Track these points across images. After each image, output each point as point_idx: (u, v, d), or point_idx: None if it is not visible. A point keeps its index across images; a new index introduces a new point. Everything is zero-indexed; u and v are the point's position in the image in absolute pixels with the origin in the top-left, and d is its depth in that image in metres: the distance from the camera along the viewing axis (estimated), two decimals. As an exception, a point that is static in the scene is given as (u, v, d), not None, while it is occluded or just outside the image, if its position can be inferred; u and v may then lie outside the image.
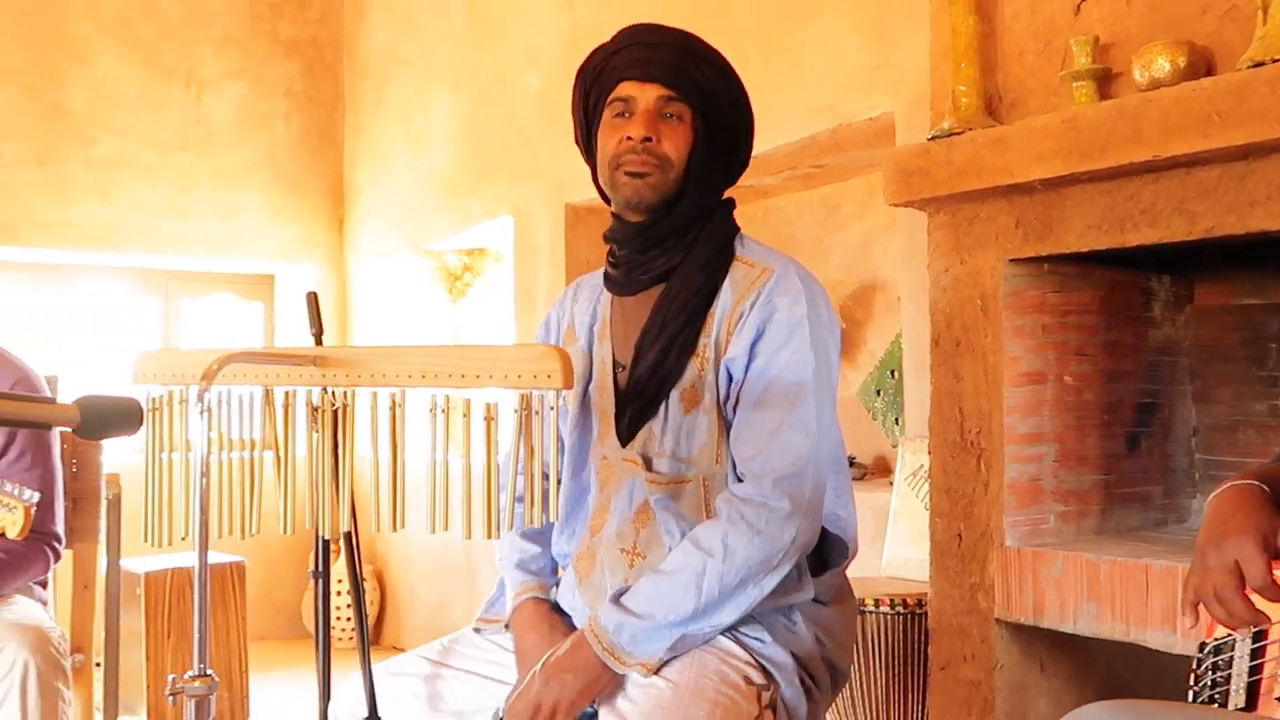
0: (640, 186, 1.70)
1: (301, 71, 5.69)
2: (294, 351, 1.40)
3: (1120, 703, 1.14)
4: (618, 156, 1.70)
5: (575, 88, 1.79)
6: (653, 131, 1.68)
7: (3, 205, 4.95)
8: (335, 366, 1.36)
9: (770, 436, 1.62)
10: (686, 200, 1.72)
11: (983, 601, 2.23)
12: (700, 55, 1.73)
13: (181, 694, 1.32)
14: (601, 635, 1.59)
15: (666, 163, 1.70)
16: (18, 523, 1.96)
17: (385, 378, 1.32)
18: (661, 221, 1.73)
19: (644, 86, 1.69)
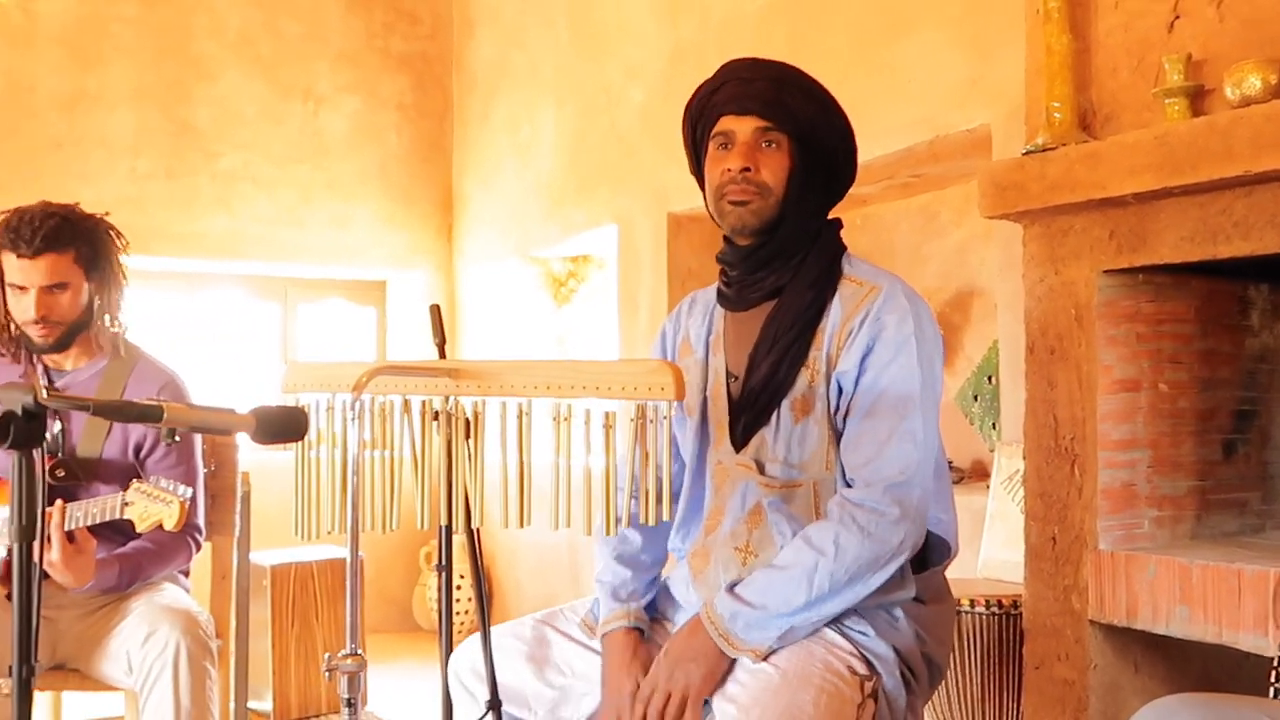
0: (743, 213, 1.82)
1: (412, 85, 5.90)
2: (432, 364, 1.54)
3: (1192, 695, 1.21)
4: (721, 187, 1.82)
5: (684, 123, 1.92)
6: (751, 161, 1.80)
7: (136, 217, 5.22)
8: (468, 378, 1.50)
9: (881, 446, 1.72)
10: (788, 223, 1.83)
11: (1076, 603, 2.29)
12: (795, 85, 1.83)
13: (336, 670, 1.46)
14: (717, 621, 1.70)
15: (765, 190, 1.81)
16: (173, 515, 2.15)
17: (513, 388, 1.46)
18: (767, 244, 1.84)
19: (742, 119, 1.80)
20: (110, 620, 2.41)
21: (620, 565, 1.94)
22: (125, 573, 2.43)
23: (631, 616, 1.87)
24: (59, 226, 2.45)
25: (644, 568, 1.95)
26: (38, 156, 5.15)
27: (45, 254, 2.43)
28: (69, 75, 5.22)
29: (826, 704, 1.58)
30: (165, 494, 2.19)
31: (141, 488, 2.25)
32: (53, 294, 2.47)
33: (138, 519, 2.24)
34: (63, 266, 2.46)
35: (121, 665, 2.34)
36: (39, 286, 2.45)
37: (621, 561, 1.94)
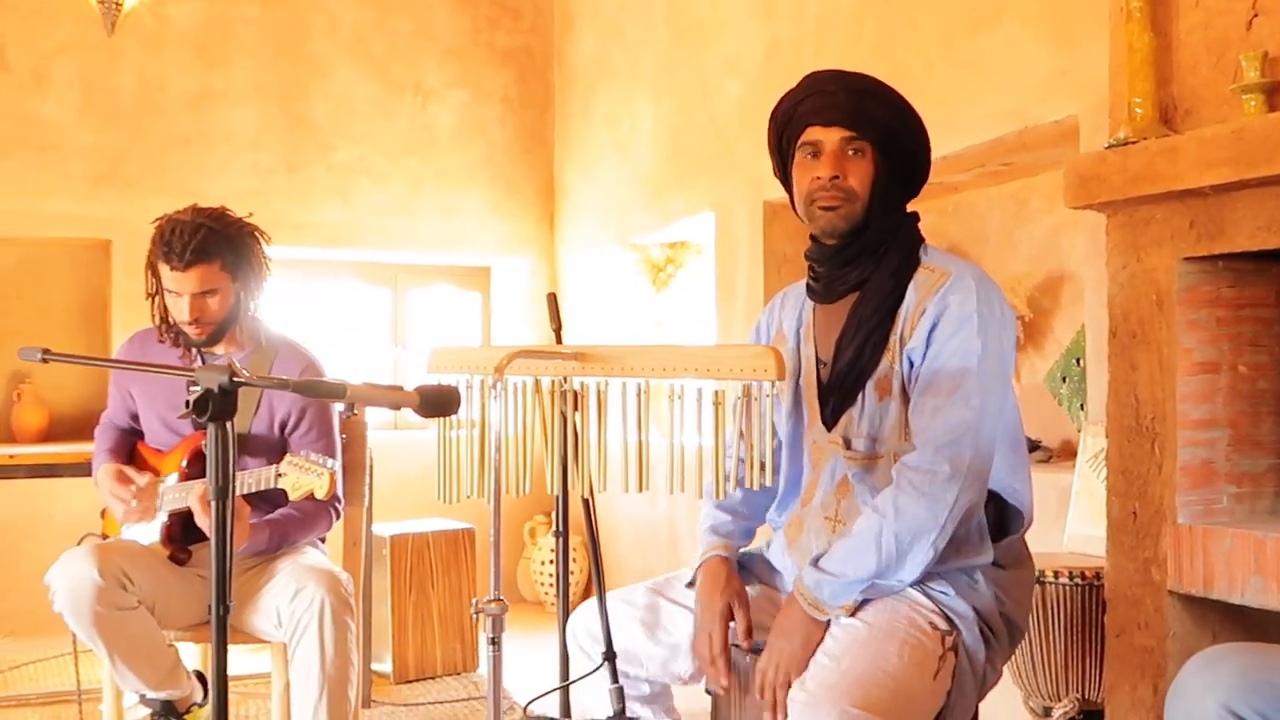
0: (833, 218, 1.98)
1: (515, 79, 6.13)
2: (562, 349, 1.74)
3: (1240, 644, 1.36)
4: (811, 194, 1.99)
5: (770, 131, 2.08)
6: (839, 170, 1.96)
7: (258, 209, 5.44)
8: (594, 361, 1.69)
9: (935, 412, 1.88)
10: (874, 223, 2.00)
11: (1156, 574, 2.42)
12: (875, 95, 1.99)
13: (483, 612, 1.67)
14: (806, 593, 1.89)
15: (853, 195, 1.98)
16: (324, 486, 2.39)
17: (633, 370, 1.65)
18: (853, 244, 2.00)
19: (828, 130, 1.96)
20: (260, 579, 2.67)
21: (720, 510, 2.16)
22: (274, 536, 2.68)
23: (725, 548, 2.09)
24: (206, 238, 2.68)
25: (741, 516, 2.18)
26: (168, 152, 5.49)
27: (195, 266, 2.67)
28: (196, 75, 5.55)
29: (910, 655, 1.76)
30: (316, 466, 2.43)
31: (294, 461, 2.49)
32: (203, 299, 2.71)
33: (290, 489, 2.48)
34: (211, 275, 2.70)
35: (271, 620, 2.60)
36: (190, 293, 2.69)
37: (721, 508, 2.17)
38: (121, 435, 2.94)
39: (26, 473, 3.84)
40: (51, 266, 5.56)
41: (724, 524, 2.17)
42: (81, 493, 3.34)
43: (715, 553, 2.11)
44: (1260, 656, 1.35)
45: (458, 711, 3.71)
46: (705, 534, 2.17)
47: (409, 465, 5.38)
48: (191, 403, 1.55)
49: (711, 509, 2.19)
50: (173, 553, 2.71)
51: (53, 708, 3.77)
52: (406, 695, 3.98)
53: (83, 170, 5.36)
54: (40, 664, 4.33)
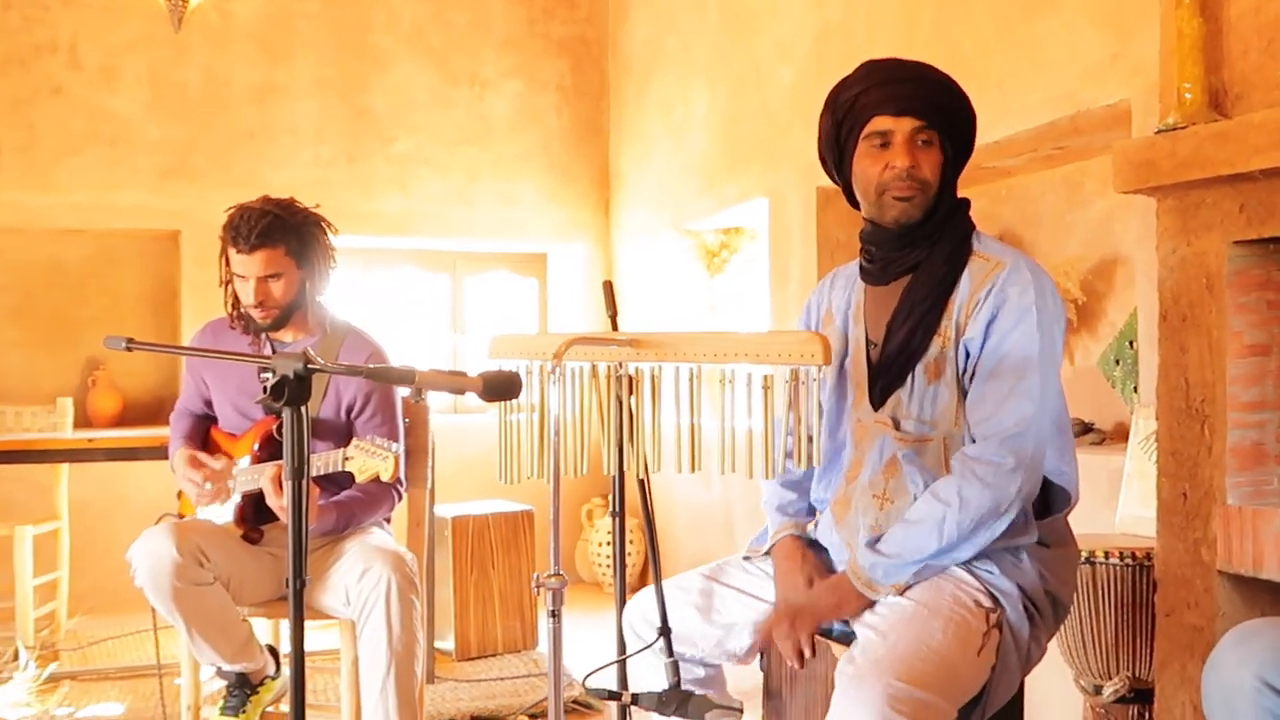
0: (907, 208, 2.02)
1: (570, 68, 6.20)
2: (618, 336, 1.81)
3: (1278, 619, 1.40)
4: (883, 184, 2.02)
5: (824, 119, 2.11)
6: (913, 160, 2.00)
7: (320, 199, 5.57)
8: (648, 347, 1.76)
9: (999, 403, 1.93)
10: (940, 211, 2.04)
11: (1205, 555, 2.44)
12: (939, 84, 2.03)
13: (543, 586, 1.75)
14: (860, 573, 1.95)
15: (927, 185, 2.02)
16: (388, 469, 2.49)
17: (685, 355, 1.72)
18: (918, 229, 2.04)
19: (899, 120, 2.00)
20: (329, 559, 2.77)
21: (785, 489, 2.22)
22: (341, 518, 2.78)
23: (797, 526, 2.15)
24: (271, 224, 2.79)
25: (806, 492, 2.23)
26: (233, 145, 5.63)
27: (260, 249, 2.78)
28: (260, 69, 5.69)
29: (954, 631, 1.81)
30: (381, 450, 2.52)
31: (360, 445, 2.59)
32: (267, 283, 2.82)
33: (357, 471, 2.58)
34: (275, 259, 2.81)
35: (340, 597, 2.70)
36: (256, 276, 2.80)
37: (786, 486, 2.23)
38: (196, 421, 3.06)
39: (104, 456, 3.99)
40: (123, 257, 5.74)
41: (791, 502, 2.23)
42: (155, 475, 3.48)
43: (787, 532, 2.17)
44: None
45: (518, 687, 3.81)
46: (774, 514, 2.23)
47: (470, 449, 5.49)
48: (269, 388, 1.64)
49: (776, 487, 2.25)
50: (246, 532, 2.82)
51: (132, 681, 3.92)
52: (469, 672, 4.09)
53: (152, 164, 5.53)
54: (119, 640, 4.50)
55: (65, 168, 5.40)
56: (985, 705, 1.88)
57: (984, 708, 1.88)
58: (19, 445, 3.98)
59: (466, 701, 3.67)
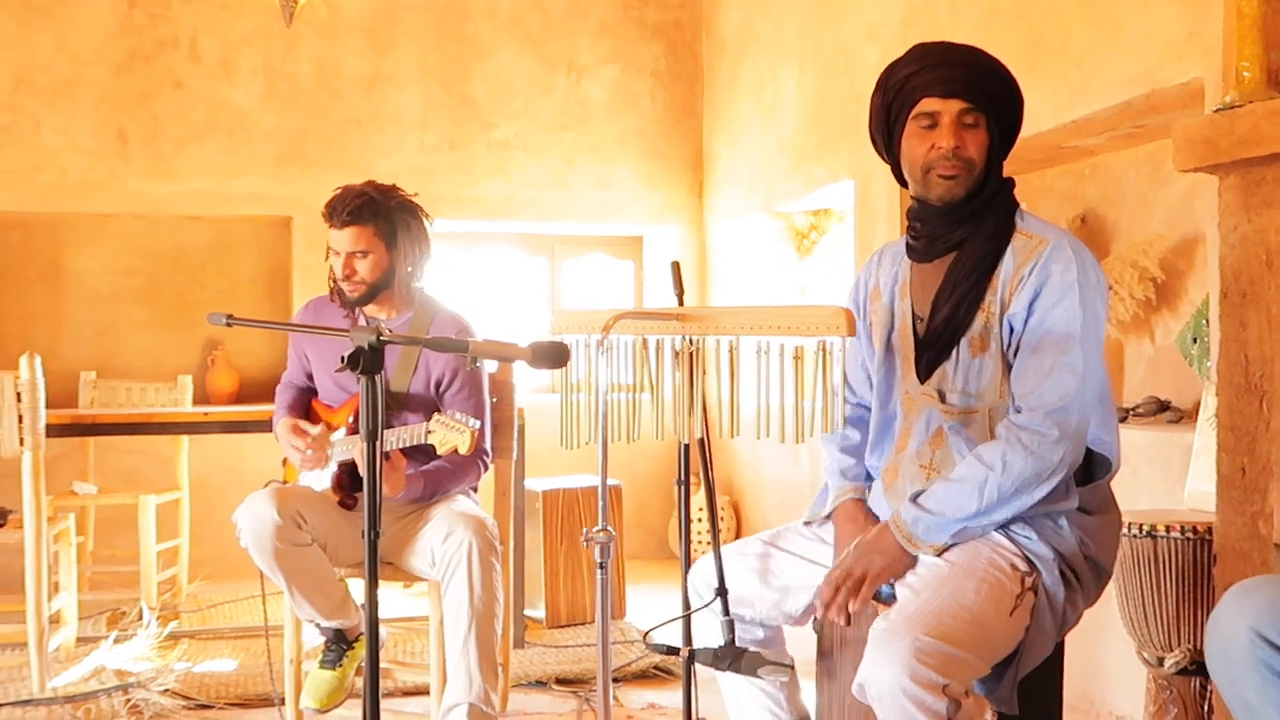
0: (952, 186, 2.11)
1: (665, 52, 6.32)
2: (663, 311, 1.94)
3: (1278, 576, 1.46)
4: (930, 163, 2.10)
5: (875, 99, 2.20)
6: (959, 140, 2.08)
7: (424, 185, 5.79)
8: (692, 321, 1.89)
9: (1044, 377, 2.01)
10: (986, 190, 2.12)
11: (1263, 528, 2.47)
12: (987, 68, 2.11)
13: (592, 540, 1.89)
14: (901, 525, 2.05)
15: (972, 165, 2.10)
16: (466, 442, 2.65)
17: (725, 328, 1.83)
18: (964, 207, 2.12)
19: (946, 102, 2.08)
20: (417, 524, 2.96)
21: (844, 454, 2.32)
22: (428, 486, 2.96)
23: (857, 490, 2.25)
24: (364, 204, 2.99)
25: (864, 458, 2.31)
26: (343, 133, 5.89)
27: (350, 225, 2.98)
28: (367, 59, 5.93)
29: (987, 592, 1.90)
30: (460, 425, 2.69)
31: (441, 419, 2.76)
32: (355, 258, 3.01)
33: (438, 444, 2.75)
34: (364, 237, 3.00)
35: (426, 559, 2.88)
36: (346, 251, 3.00)
37: (845, 451, 2.33)
38: (299, 393, 3.27)
39: (218, 428, 4.26)
40: (240, 242, 6.05)
41: (850, 467, 2.33)
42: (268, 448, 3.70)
43: (849, 495, 2.28)
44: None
45: (603, 653, 3.97)
46: (835, 477, 2.33)
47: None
48: (346, 358, 1.80)
49: (836, 453, 2.35)
50: (341, 499, 3.02)
51: (244, 641, 4.20)
52: (557, 638, 4.27)
53: (267, 152, 5.81)
54: (233, 604, 4.80)
55: (187, 157, 5.72)
56: (1019, 665, 1.96)
57: (1017, 667, 1.96)
58: (141, 418, 4.27)
59: (553, 665, 3.85)
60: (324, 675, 3.02)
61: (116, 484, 5.16)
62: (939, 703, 1.76)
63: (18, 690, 3.52)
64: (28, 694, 3.48)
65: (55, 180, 5.55)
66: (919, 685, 1.76)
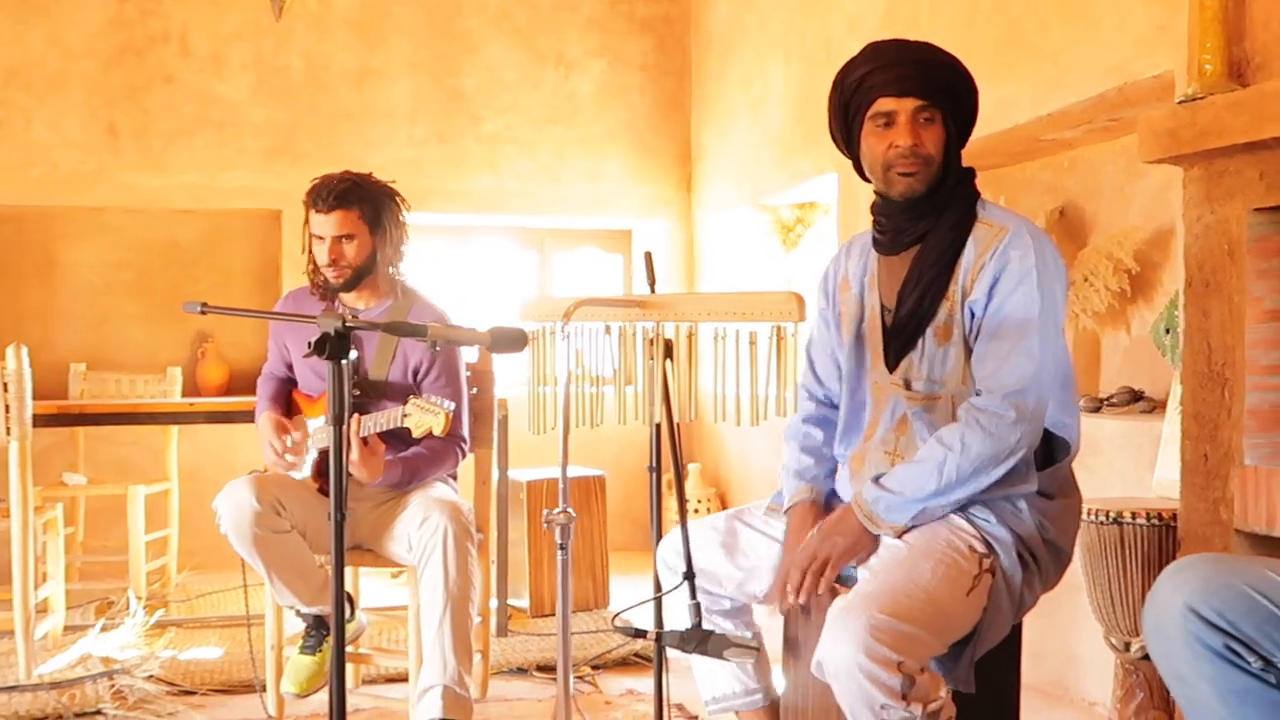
0: (912, 183, 2.15)
1: (654, 46, 6.35)
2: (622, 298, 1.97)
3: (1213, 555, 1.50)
4: (889, 161, 2.14)
5: (833, 99, 2.23)
6: (915, 138, 2.12)
7: (414, 178, 5.88)
8: (652, 307, 1.92)
9: (1002, 361, 2.05)
10: (946, 184, 2.15)
11: (1224, 514, 2.51)
12: (939, 63, 2.14)
13: (551, 522, 1.92)
14: (863, 505, 2.09)
15: (930, 161, 2.14)
16: (440, 424, 2.69)
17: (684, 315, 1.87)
18: (925, 201, 2.16)
19: (901, 101, 2.11)
20: (395, 510, 3.00)
21: (804, 454, 2.36)
22: (406, 472, 3.00)
23: (812, 493, 2.28)
24: (348, 190, 3.02)
25: (825, 458, 2.36)
26: (333, 127, 5.92)
27: (336, 210, 3.01)
28: (356, 54, 5.97)
29: (944, 573, 1.93)
30: (434, 407, 2.73)
31: (417, 402, 2.79)
32: (341, 243, 3.04)
33: (414, 427, 2.78)
34: (349, 221, 3.03)
35: (403, 545, 2.92)
36: (331, 236, 3.03)
37: (805, 451, 2.36)
38: (280, 384, 3.31)
39: (204, 419, 4.30)
40: (231, 235, 6.08)
41: (808, 468, 2.36)
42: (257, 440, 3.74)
43: (802, 497, 2.31)
44: (1225, 564, 1.48)
45: (585, 640, 4.01)
46: (791, 478, 2.36)
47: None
48: (313, 343, 1.84)
49: (796, 453, 2.39)
50: (321, 486, 3.05)
51: (230, 629, 4.24)
52: (541, 627, 4.30)
53: (257, 146, 5.85)
54: (221, 594, 4.84)
55: (177, 151, 5.75)
56: (976, 645, 2.00)
57: (974, 647, 2.00)
58: (128, 408, 4.32)
59: (535, 653, 3.88)
60: (304, 660, 3.06)
61: (107, 475, 5.20)
62: (894, 679, 1.80)
63: (4, 677, 3.56)
64: (14, 680, 3.52)
65: (47, 174, 5.58)
66: (874, 662, 1.79)
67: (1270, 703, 1.42)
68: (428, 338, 1.84)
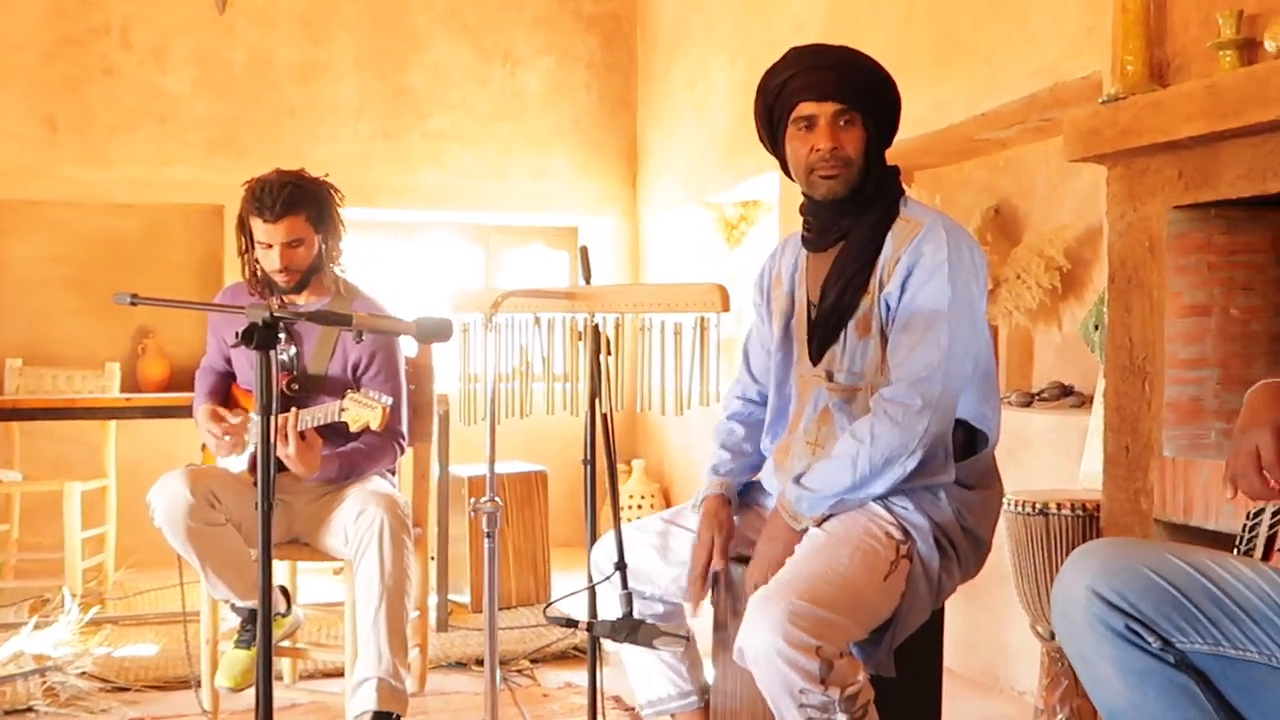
0: (833, 184, 2.19)
1: (600, 44, 6.37)
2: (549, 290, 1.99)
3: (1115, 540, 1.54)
4: (811, 164, 2.18)
5: (758, 103, 2.27)
6: (835, 141, 2.16)
7: (359, 174, 5.90)
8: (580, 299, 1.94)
9: (910, 351, 2.09)
10: (869, 183, 2.19)
11: (1144, 504, 2.57)
12: (858, 67, 2.19)
13: (480, 511, 1.94)
14: (786, 506, 2.13)
15: (850, 162, 2.18)
16: (378, 418, 2.69)
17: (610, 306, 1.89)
18: (849, 201, 2.20)
19: (821, 105, 2.16)
20: (332, 504, 2.99)
21: (723, 450, 2.40)
22: (344, 466, 3.00)
23: (723, 486, 2.33)
24: (293, 193, 2.99)
25: (743, 454, 2.40)
26: (278, 122, 5.89)
27: (284, 218, 2.97)
28: (301, 49, 5.93)
29: (861, 559, 1.98)
30: (371, 402, 2.73)
31: (354, 396, 2.79)
32: (292, 248, 3.01)
33: (351, 421, 2.78)
34: (298, 226, 3.00)
35: (340, 538, 2.92)
36: (281, 243, 3.00)
37: (725, 448, 2.41)
38: (218, 378, 3.29)
39: (141, 414, 4.26)
40: (172, 230, 6.01)
41: (724, 463, 2.42)
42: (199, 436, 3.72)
43: (713, 490, 2.37)
44: (1126, 548, 1.53)
45: (525, 635, 4.02)
46: (708, 473, 2.43)
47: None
48: (240, 334, 1.84)
49: (716, 447, 2.45)
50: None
51: (167, 626, 4.20)
52: (481, 622, 4.28)
53: (199, 139, 5.80)
54: (159, 591, 4.79)
55: (118, 145, 5.69)
56: (895, 631, 2.04)
57: (894, 633, 2.04)
58: (64, 404, 4.27)
59: (475, 647, 3.89)
60: (239, 655, 3.04)
61: (44, 472, 5.13)
62: (812, 664, 1.83)
63: (-66, 675, 3.52)
64: (-56, 678, 3.47)
65: (-16, 167, 5.51)
66: (792, 647, 1.83)
67: (1168, 681, 1.47)
68: (353, 327, 1.85)
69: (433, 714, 3.33)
